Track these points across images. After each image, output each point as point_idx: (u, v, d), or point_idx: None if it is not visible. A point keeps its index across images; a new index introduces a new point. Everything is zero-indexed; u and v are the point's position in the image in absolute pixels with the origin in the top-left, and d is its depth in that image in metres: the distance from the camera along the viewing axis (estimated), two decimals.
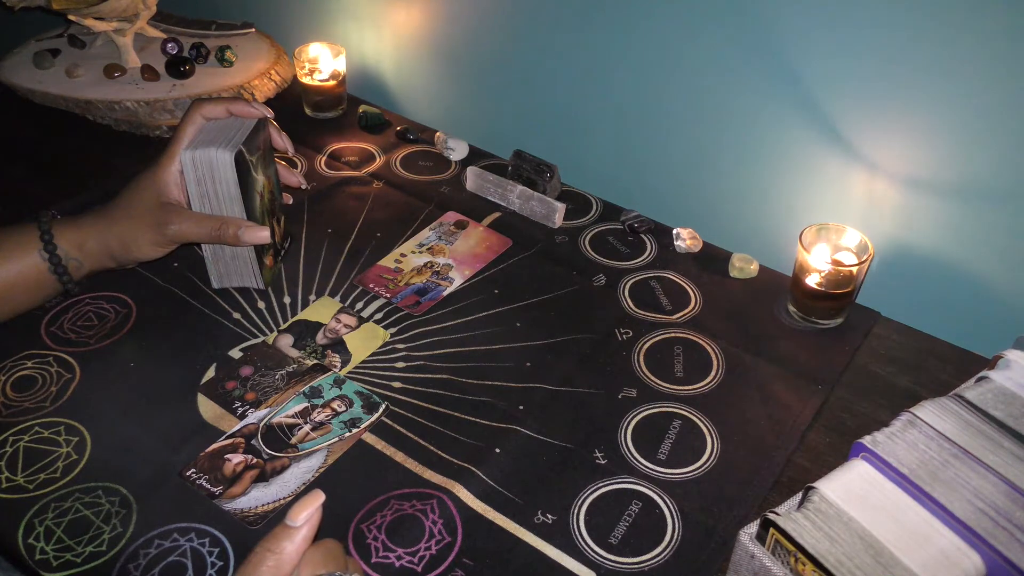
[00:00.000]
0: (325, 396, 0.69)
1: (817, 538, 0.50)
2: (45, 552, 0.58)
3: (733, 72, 0.83)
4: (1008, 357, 0.61)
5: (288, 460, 0.64)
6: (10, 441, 0.65)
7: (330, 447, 0.65)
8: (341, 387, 0.69)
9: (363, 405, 0.68)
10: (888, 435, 0.56)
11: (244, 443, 0.65)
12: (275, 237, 0.77)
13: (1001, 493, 0.52)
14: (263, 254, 0.76)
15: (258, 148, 0.73)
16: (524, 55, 0.98)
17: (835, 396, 0.72)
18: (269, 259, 0.77)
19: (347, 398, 0.68)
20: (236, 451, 0.64)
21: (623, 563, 0.59)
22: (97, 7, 0.98)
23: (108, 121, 1.01)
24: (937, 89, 0.72)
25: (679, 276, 0.85)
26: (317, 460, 0.64)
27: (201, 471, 0.63)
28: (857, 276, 0.76)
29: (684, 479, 0.65)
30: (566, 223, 0.91)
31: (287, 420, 0.67)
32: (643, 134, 0.94)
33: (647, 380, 0.73)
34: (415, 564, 0.58)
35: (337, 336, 0.75)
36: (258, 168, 0.73)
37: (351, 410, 0.68)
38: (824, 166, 0.82)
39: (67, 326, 0.75)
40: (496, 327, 0.77)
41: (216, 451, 0.64)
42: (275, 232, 0.77)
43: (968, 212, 0.76)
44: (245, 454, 0.64)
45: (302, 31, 1.18)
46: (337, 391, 0.69)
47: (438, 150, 1.02)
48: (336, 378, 0.69)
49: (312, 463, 0.64)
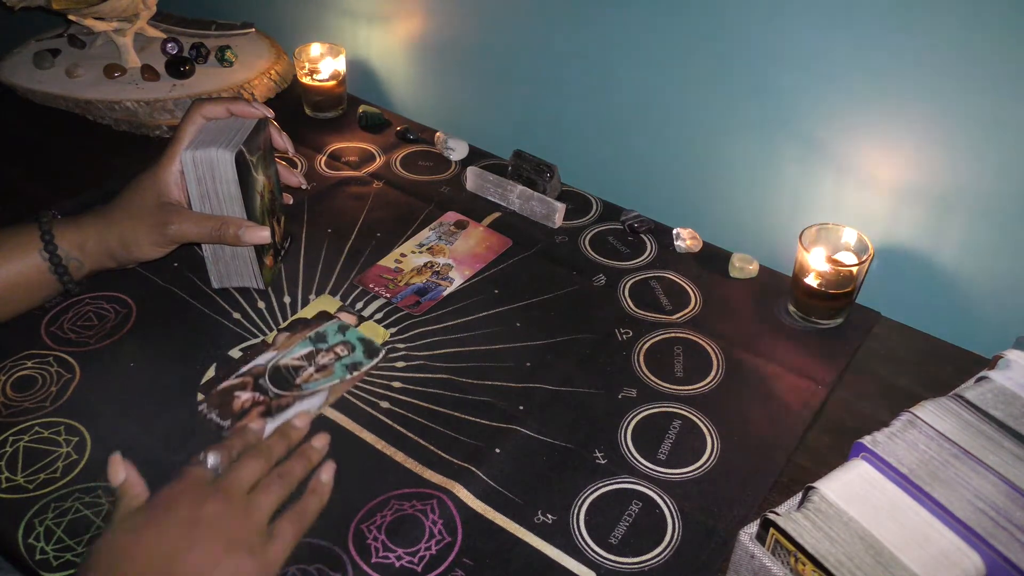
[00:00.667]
0: (329, 341, 0.73)
1: (817, 538, 0.50)
2: (45, 552, 0.58)
3: (734, 74, 0.83)
4: (1008, 357, 0.61)
5: (292, 398, 0.68)
6: (10, 441, 0.65)
7: (331, 388, 0.69)
8: (345, 333, 0.73)
9: (365, 351, 0.72)
10: (888, 435, 0.56)
11: (252, 382, 0.69)
12: (275, 237, 0.78)
13: (1001, 493, 0.52)
14: (263, 254, 0.76)
15: (259, 148, 0.73)
16: (524, 55, 0.98)
17: (835, 396, 0.72)
18: (269, 259, 0.77)
19: (350, 343, 0.73)
20: (245, 389, 0.69)
21: (623, 563, 0.59)
22: (97, 7, 0.98)
23: (108, 121, 1.01)
24: (937, 90, 0.72)
25: (679, 276, 0.85)
26: (319, 400, 0.68)
27: (212, 406, 0.67)
28: (857, 276, 0.76)
29: (684, 479, 0.65)
30: (566, 223, 0.91)
31: (293, 362, 0.71)
32: (643, 134, 0.94)
33: (647, 380, 0.73)
34: (415, 564, 0.58)
35: None
36: (258, 168, 0.73)
37: (353, 355, 0.72)
38: (824, 166, 0.82)
39: (67, 326, 0.75)
40: (496, 327, 0.77)
41: (227, 388, 0.69)
42: (275, 232, 0.77)
43: (969, 213, 0.76)
44: (253, 391, 0.68)
45: (302, 31, 1.18)
46: (341, 337, 0.73)
47: (438, 150, 1.02)
48: (341, 325, 0.74)
49: (314, 402, 0.68)
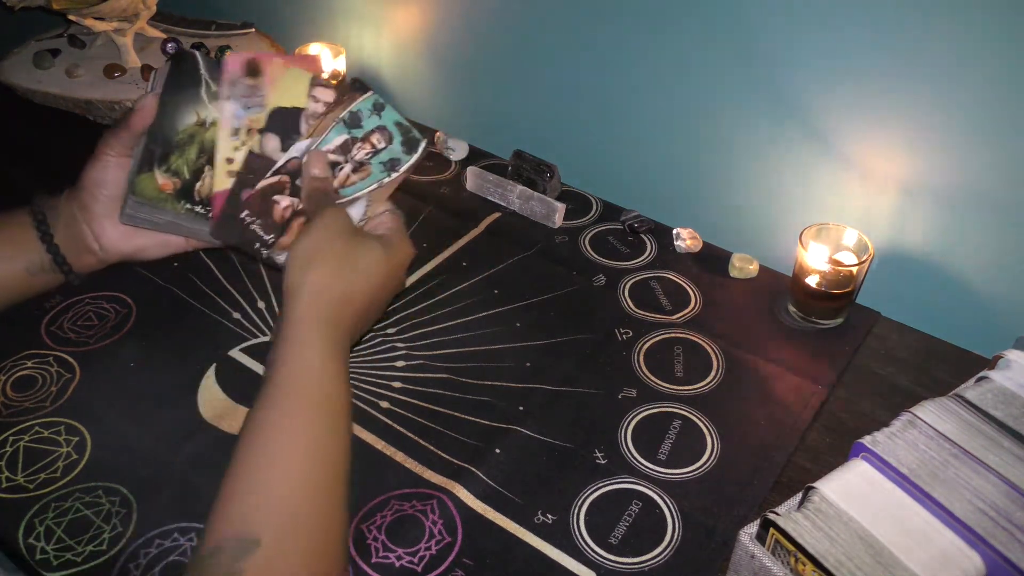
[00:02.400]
0: (364, 125, 0.63)
1: (817, 538, 0.50)
2: (46, 552, 0.58)
3: (735, 74, 0.83)
4: (1008, 357, 0.61)
5: None
6: (10, 441, 0.65)
7: (371, 195, 0.63)
8: (380, 114, 0.64)
9: (402, 141, 0.64)
10: (888, 435, 0.56)
11: (289, 182, 0.62)
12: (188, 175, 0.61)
13: (1001, 493, 0.52)
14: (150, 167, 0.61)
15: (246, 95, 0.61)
16: (524, 55, 0.98)
17: (835, 396, 0.72)
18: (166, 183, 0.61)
19: (386, 130, 0.64)
20: (283, 191, 0.62)
21: (623, 563, 0.59)
22: (97, 7, 0.98)
23: (108, 121, 1.01)
24: (936, 90, 0.72)
25: (679, 276, 0.85)
26: (359, 210, 0.63)
27: (254, 215, 0.61)
28: (857, 276, 0.76)
29: (684, 479, 0.65)
30: (566, 223, 0.91)
31: (330, 156, 0.62)
32: (643, 134, 0.94)
33: (647, 380, 0.73)
34: (415, 564, 0.58)
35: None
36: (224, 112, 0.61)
37: (390, 147, 0.64)
38: (824, 166, 0.82)
39: (67, 326, 0.75)
40: (496, 327, 0.77)
41: (266, 190, 0.61)
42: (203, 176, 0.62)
43: (968, 213, 0.76)
44: (291, 196, 0.62)
45: (302, 31, 1.18)
46: (377, 120, 0.64)
47: (438, 150, 1.02)
48: (375, 102, 0.63)
49: (354, 213, 0.62)
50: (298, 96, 0.62)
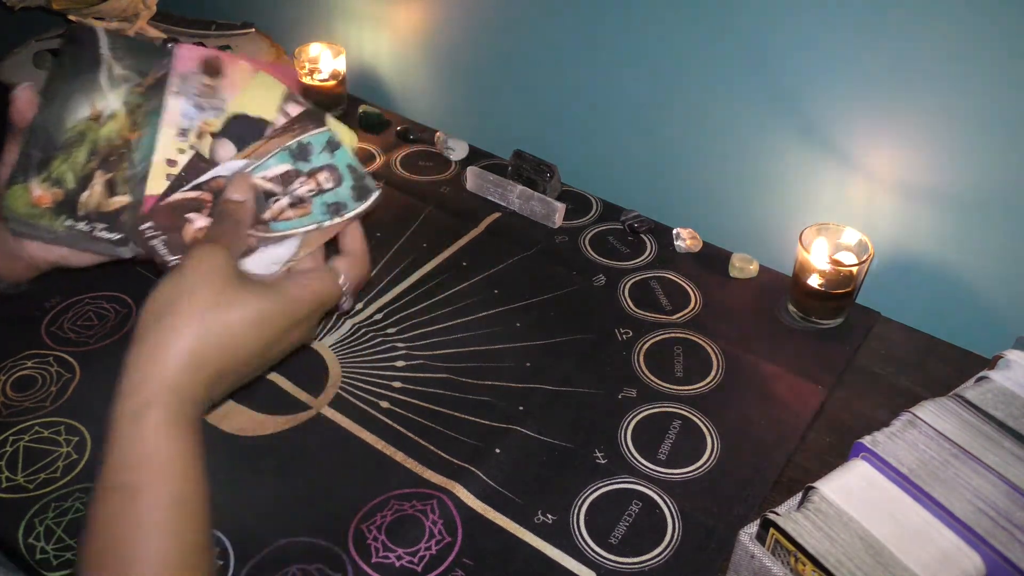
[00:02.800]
0: (313, 161, 0.55)
1: (817, 538, 0.50)
2: (46, 551, 0.58)
3: (734, 74, 0.83)
4: (1008, 357, 0.61)
5: (256, 240, 0.52)
6: (10, 441, 0.65)
7: (306, 235, 0.54)
8: (334, 153, 0.55)
9: (353, 187, 0.55)
10: (888, 435, 0.56)
11: (211, 201, 0.52)
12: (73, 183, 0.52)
13: (1001, 493, 0.52)
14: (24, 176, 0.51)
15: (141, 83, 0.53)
16: (524, 55, 0.98)
17: (835, 396, 0.72)
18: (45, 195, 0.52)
19: (337, 171, 0.55)
20: (201, 211, 0.52)
21: (623, 563, 0.59)
22: (97, 7, 0.98)
23: None
24: (936, 91, 0.72)
25: (679, 276, 0.85)
26: (288, 249, 0.53)
27: (159, 228, 0.51)
28: (857, 276, 0.76)
29: (684, 479, 0.65)
30: (566, 223, 0.91)
31: (265, 183, 0.53)
32: (643, 134, 0.94)
33: (647, 380, 0.73)
34: (415, 564, 0.58)
35: None
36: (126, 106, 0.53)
37: (338, 190, 0.55)
38: (824, 166, 0.82)
39: (67, 326, 0.75)
40: (496, 327, 0.77)
41: (179, 204, 0.52)
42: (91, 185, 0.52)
43: (968, 213, 0.76)
44: (210, 218, 0.52)
45: (302, 31, 1.18)
46: (328, 157, 0.55)
47: (438, 150, 1.02)
48: (331, 139, 0.55)
49: (281, 252, 0.53)
50: (266, 107, 0.55)
